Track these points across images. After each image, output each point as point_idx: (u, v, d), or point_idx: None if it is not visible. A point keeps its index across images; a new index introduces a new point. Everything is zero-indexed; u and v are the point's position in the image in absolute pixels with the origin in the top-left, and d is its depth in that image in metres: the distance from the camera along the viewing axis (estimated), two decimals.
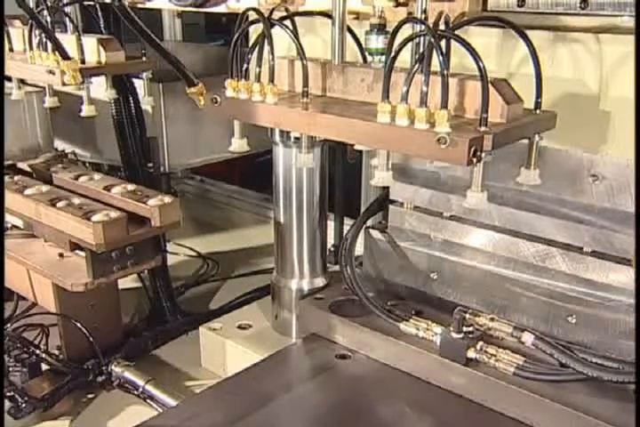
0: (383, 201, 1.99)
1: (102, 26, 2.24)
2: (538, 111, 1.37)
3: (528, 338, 1.59)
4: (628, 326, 1.52)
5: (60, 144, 2.84)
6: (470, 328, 1.64)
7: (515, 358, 1.58)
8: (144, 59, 2.12)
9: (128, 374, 2.04)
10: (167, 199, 2.03)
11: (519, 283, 1.69)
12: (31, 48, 1.99)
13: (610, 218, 1.56)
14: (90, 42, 2.02)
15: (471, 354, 1.61)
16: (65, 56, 1.89)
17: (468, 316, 1.65)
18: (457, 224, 1.80)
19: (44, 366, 2.05)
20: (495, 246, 1.74)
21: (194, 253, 3.08)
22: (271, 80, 1.49)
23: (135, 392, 2.01)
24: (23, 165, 2.47)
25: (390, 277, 1.95)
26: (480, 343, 1.62)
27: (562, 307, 1.63)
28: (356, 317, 1.85)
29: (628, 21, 1.41)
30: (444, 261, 1.82)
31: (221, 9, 2.01)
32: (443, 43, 1.28)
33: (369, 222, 2.01)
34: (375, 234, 1.95)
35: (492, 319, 1.65)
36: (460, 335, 1.62)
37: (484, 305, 1.76)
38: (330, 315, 1.88)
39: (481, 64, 1.23)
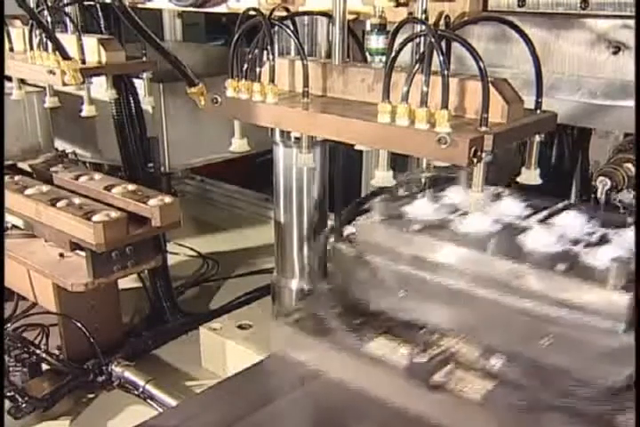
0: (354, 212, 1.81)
1: (102, 26, 2.24)
2: (538, 111, 1.37)
3: (497, 362, 1.46)
4: (604, 348, 1.36)
5: (60, 144, 2.84)
6: (438, 350, 1.51)
7: (484, 383, 1.43)
8: (144, 59, 2.12)
9: (128, 374, 2.04)
10: (167, 199, 2.03)
11: (491, 302, 1.51)
12: (31, 48, 1.99)
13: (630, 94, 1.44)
14: (90, 42, 2.02)
15: (438, 378, 1.45)
16: (65, 56, 1.89)
17: (435, 337, 1.52)
18: (426, 239, 1.60)
19: (45, 366, 2.05)
20: (466, 263, 1.55)
21: (194, 253, 3.08)
22: (271, 80, 1.49)
23: (135, 392, 2.02)
24: (23, 165, 2.47)
25: (358, 292, 1.75)
26: (448, 367, 1.47)
27: (535, 328, 1.45)
28: (323, 334, 1.66)
29: None
30: (412, 277, 1.61)
31: (221, 9, 2.01)
32: (443, 43, 1.28)
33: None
34: (341, 247, 1.74)
35: (460, 341, 1.53)
36: (427, 358, 1.49)
37: (454, 325, 1.59)
38: (295, 332, 1.70)
39: (481, 64, 1.23)
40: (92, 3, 2.22)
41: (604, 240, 1.48)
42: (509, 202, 1.67)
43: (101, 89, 2.11)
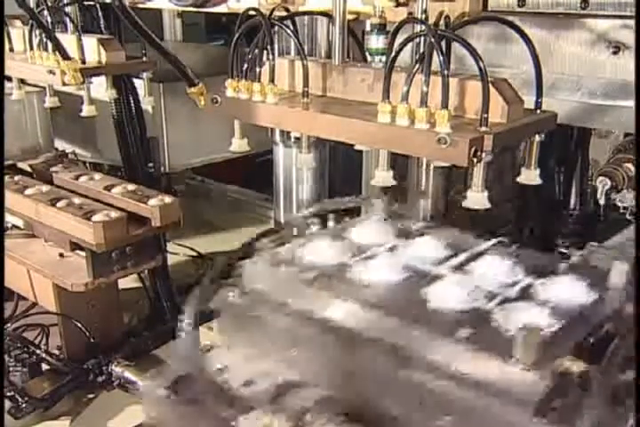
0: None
1: (102, 26, 2.24)
2: (538, 111, 1.37)
3: None
4: None
5: (60, 144, 2.84)
6: None
7: None
8: (144, 59, 2.12)
9: (128, 374, 2.04)
10: (167, 199, 2.03)
11: (384, 372, 1.21)
12: (32, 48, 1.99)
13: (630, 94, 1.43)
14: (90, 42, 2.02)
15: None
16: (65, 56, 1.89)
17: (317, 414, 1.20)
18: (318, 292, 1.32)
19: (45, 366, 2.05)
20: (359, 323, 1.25)
21: (194, 253, 3.08)
22: (271, 80, 1.49)
23: (135, 392, 2.01)
24: (23, 165, 2.47)
25: (241, 348, 1.44)
26: None
27: (431, 406, 1.15)
28: (195, 402, 1.35)
29: None
30: (302, 336, 1.32)
31: (221, 9, 2.01)
32: (443, 43, 1.28)
33: None
34: (227, 295, 1.44)
35: (346, 419, 1.20)
36: None
37: (341, 395, 1.27)
38: (165, 398, 1.37)
39: (481, 64, 1.23)
40: (92, 3, 2.22)
41: (524, 294, 1.22)
42: (427, 242, 1.42)
43: (101, 89, 2.12)
